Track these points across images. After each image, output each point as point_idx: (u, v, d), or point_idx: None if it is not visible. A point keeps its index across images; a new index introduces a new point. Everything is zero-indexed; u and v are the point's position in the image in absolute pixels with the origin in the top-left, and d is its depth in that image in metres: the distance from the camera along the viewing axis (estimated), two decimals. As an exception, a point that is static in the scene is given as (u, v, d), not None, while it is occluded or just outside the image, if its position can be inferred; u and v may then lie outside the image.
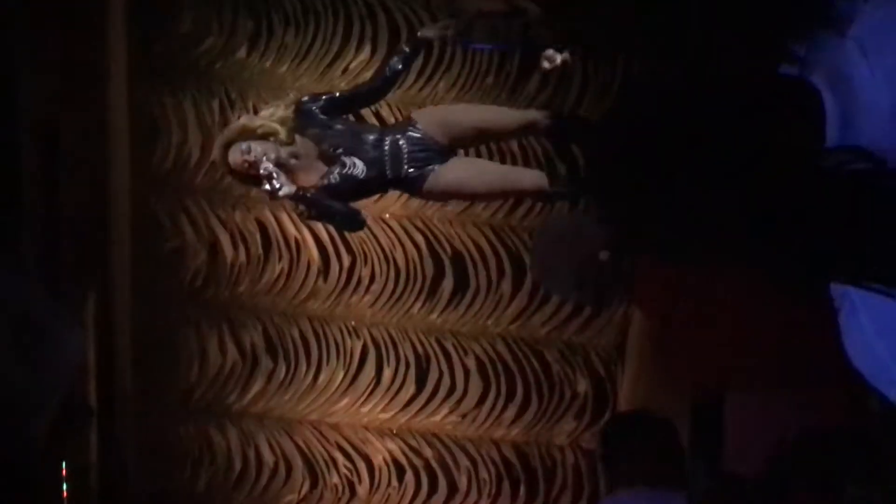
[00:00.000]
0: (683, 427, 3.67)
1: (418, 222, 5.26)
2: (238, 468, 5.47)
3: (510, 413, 5.32)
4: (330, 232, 5.23)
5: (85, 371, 5.02)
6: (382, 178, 4.28)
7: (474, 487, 5.37)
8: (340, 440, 5.43)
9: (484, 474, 5.37)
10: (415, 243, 5.26)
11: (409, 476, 5.40)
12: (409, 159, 4.26)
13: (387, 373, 5.35)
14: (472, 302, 5.27)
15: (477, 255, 5.25)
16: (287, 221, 5.27)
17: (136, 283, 5.31)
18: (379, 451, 5.41)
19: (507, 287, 5.25)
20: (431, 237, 5.26)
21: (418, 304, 5.30)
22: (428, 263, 5.26)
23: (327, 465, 5.44)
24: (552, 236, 3.35)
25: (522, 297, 5.25)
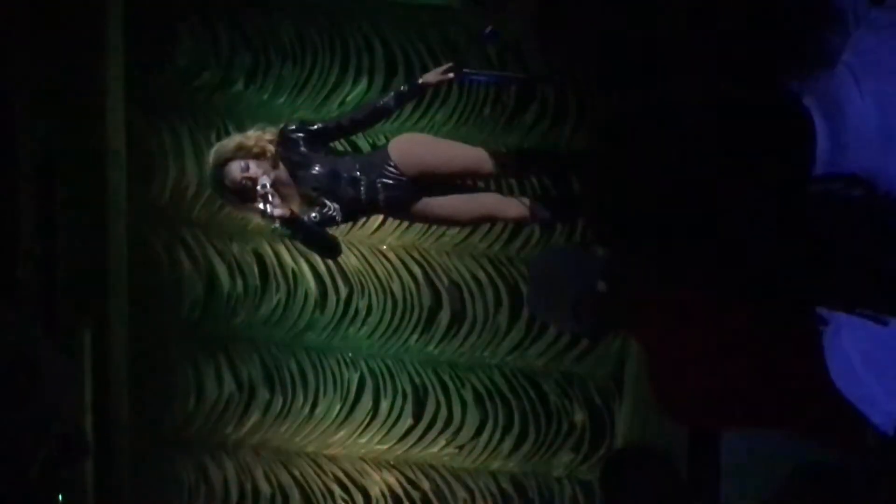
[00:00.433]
0: (682, 456, 3.66)
1: (415, 253, 5.26)
2: (235, 500, 5.44)
3: (507, 444, 5.31)
4: (327, 263, 5.23)
5: (81, 403, 5.00)
6: (358, 213, 4.44)
7: (472, 519, 5.36)
8: (337, 472, 5.41)
9: (481, 506, 5.36)
10: (412, 274, 5.26)
11: (407, 508, 5.39)
12: (384, 201, 4.33)
13: (384, 404, 5.33)
14: (470, 333, 5.27)
15: (474, 286, 5.25)
16: (284, 253, 5.28)
17: (133, 315, 5.31)
18: (376, 483, 5.39)
19: (504, 318, 5.25)
20: (428, 268, 5.26)
21: (415, 335, 5.29)
22: (425, 294, 5.26)
23: (324, 496, 5.41)
24: (549, 267, 3.34)
25: (519, 329, 5.25)
